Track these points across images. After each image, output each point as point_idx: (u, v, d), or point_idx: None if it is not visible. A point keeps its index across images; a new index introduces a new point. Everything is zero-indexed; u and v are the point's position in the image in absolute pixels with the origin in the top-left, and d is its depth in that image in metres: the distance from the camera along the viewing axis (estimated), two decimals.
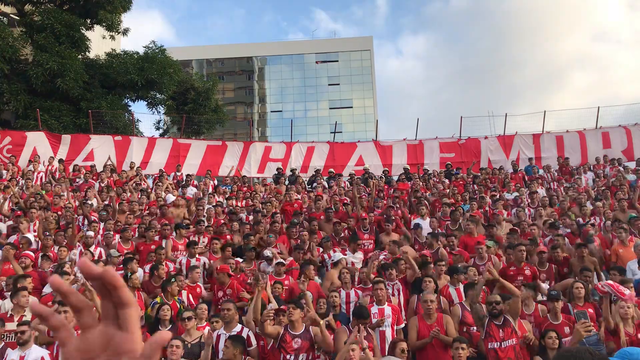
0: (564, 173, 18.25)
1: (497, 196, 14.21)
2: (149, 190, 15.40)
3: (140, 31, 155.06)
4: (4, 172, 15.88)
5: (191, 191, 15.89)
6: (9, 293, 7.80)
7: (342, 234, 11.60)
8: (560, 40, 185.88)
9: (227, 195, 15.47)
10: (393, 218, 11.85)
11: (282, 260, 9.45)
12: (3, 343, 6.76)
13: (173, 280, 8.26)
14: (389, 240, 10.56)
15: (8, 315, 7.36)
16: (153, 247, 10.25)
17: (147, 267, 9.42)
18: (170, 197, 14.16)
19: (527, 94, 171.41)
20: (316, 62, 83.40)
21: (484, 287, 7.68)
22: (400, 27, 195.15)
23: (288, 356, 6.32)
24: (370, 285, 7.96)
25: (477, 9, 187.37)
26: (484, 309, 6.82)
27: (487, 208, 13.48)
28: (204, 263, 9.93)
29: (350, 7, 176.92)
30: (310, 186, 17.42)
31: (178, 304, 8.06)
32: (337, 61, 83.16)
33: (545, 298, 7.95)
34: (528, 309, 7.75)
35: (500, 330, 6.52)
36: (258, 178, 20.75)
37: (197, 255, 9.98)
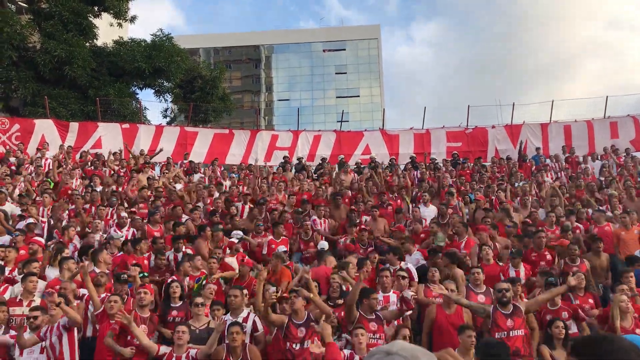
0: (570, 164, 18.14)
1: (504, 185, 14.18)
2: (157, 178, 15.52)
3: (151, 17, 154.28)
4: (12, 158, 15.97)
5: (197, 177, 16.08)
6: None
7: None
8: (574, 27, 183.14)
9: (234, 182, 15.50)
10: (389, 203, 12.02)
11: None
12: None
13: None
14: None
15: (17, 300, 7.44)
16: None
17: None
18: (178, 187, 14.22)
19: (539, 82, 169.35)
20: (323, 51, 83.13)
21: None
22: (412, 13, 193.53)
23: (294, 345, 6.35)
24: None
25: None
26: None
27: (492, 197, 13.47)
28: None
29: None
30: (316, 175, 17.44)
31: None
32: (344, 50, 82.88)
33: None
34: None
35: (509, 320, 6.45)
36: (264, 166, 20.77)
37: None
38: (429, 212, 12.10)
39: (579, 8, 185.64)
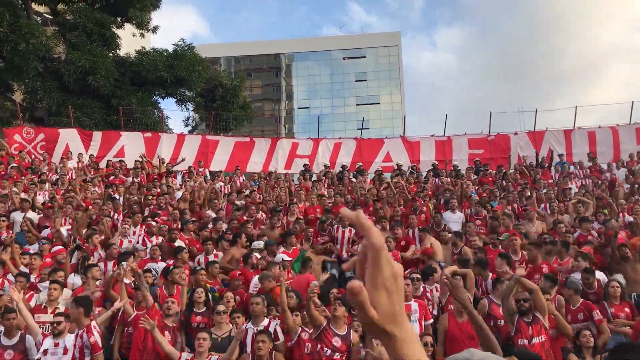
0: (593, 172, 17.77)
1: (528, 193, 13.96)
2: (179, 186, 15.67)
3: (176, 26, 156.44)
4: (36, 167, 16.20)
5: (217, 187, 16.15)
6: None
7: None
8: (600, 31, 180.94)
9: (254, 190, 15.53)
10: (422, 210, 11.95)
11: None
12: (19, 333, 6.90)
13: (199, 268, 8.79)
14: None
15: (42, 307, 7.53)
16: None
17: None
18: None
19: (564, 87, 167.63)
20: (343, 59, 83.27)
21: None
22: (436, 18, 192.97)
23: (325, 349, 6.30)
24: None
25: None
26: (513, 305, 6.75)
27: (514, 204, 13.29)
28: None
29: None
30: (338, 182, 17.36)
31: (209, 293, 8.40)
32: (364, 57, 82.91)
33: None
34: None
35: (530, 327, 6.51)
36: (285, 174, 20.79)
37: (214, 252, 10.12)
38: (455, 218, 12.01)
39: (605, 12, 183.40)
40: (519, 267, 7.29)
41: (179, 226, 11.43)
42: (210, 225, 11.68)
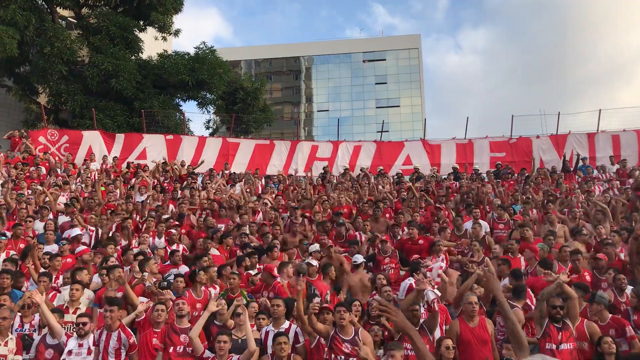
0: (621, 176, 17.44)
1: (550, 197, 13.77)
2: (200, 189, 15.73)
3: (197, 29, 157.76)
4: (59, 169, 16.40)
5: (237, 188, 16.19)
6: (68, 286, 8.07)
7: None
8: (628, 32, 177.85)
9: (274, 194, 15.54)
10: (445, 219, 11.80)
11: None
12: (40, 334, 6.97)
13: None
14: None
15: (64, 307, 7.60)
16: None
17: None
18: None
19: (590, 90, 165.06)
20: (363, 61, 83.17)
21: None
22: (460, 20, 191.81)
23: (339, 358, 6.28)
24: None
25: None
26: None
27: (534, 209, 13.11)
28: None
29: (409, 0, 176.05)
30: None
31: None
32: (384, 60, 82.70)
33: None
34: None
35: (560, 333, 6.38)
36: (304, 177, 20.79)
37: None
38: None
39: (633, 13, 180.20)
40: (563, 273, 7.13)
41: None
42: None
